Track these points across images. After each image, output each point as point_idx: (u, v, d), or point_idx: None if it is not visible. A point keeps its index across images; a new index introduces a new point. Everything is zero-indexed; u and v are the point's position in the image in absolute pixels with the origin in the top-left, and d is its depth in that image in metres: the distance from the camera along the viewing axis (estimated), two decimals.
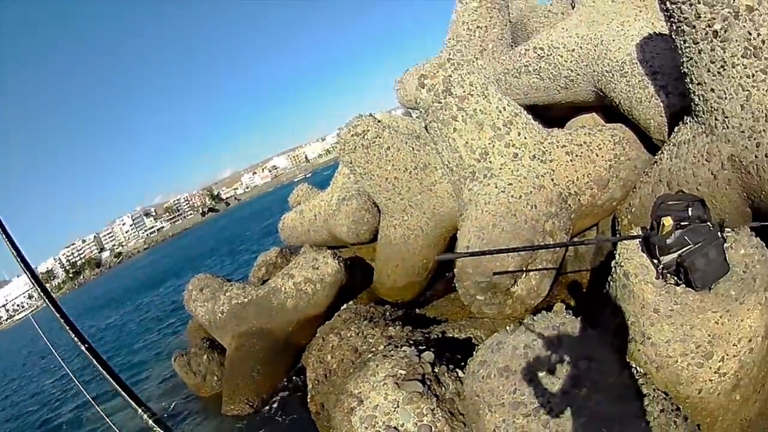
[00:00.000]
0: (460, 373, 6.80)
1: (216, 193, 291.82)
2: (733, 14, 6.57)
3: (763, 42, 6.56)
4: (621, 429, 5.08)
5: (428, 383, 6.54)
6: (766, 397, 5.98)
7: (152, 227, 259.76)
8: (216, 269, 42.54)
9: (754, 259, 5.77)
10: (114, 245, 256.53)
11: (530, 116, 10.03)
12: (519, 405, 5.40)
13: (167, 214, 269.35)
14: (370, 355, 7.60)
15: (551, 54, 11.32)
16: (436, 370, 6.90)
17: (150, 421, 1.78)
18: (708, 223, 5.75)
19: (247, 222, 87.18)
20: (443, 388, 6.62)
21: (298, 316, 12.72)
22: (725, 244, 5.84)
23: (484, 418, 5.58)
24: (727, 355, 5.56)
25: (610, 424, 5.07)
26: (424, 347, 7.41)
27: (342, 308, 11.60)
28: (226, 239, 73.82)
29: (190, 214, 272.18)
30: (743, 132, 6.96)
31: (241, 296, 13.30)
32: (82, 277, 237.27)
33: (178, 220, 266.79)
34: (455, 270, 9.49)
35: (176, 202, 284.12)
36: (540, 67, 11.55)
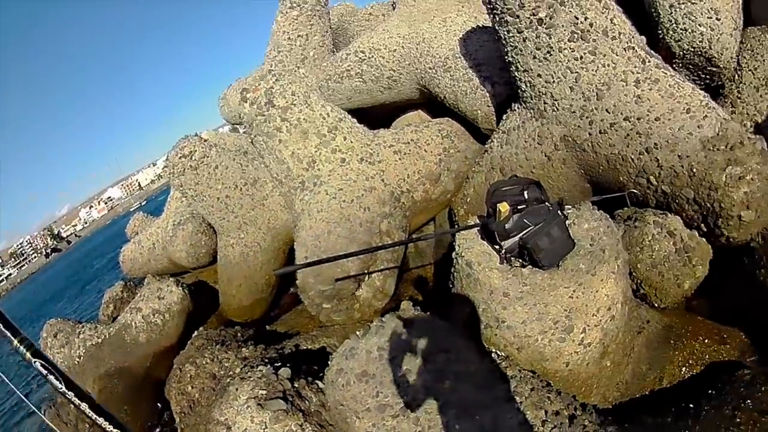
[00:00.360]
0: (321, 384, 6.50)
1: (57, 232, 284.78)
2: (559, 1, 6.49)
3: (591, 25, 6.50)
4: (494, 414, 4.85)
5: (290, 399, 6.20)
6: (638, 357, 5.94)
7: (0, 275, 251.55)
8: (68, 312, 41.18)
9: (599, 231, 5.69)
10: None
11: (355, 120, 9.78)
12: (385, 407, 5.08)
13: (12, 259, 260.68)
14: (228, 380, 7.23)
15: (372, 56, 11.08)
16: (295, 384, 6.54)
17: (28, 354, 1.23)
18: (546, 203, 5.65)
19: (91, 258, 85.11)
20: (307, 402, 6.31)
21: (153, 349, 11.96)
22: (567, 221, 5.75)
23: (354, 425, 5.28)
24: (588, 326, 5.40)
25: (482, 411, 4.83)
26: (279, 364, 7.03)
27: (194, 335, 11.02)
28: (73, 279, 71.59)
29: (35, 257, 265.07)
30: (574, 112, 6.85)
31: (94, 337, 12.33)
32: None
33: (24, 264, 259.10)
34: (297, 282, 9.10)
35: (19, 246, 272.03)
36: (362, 70, 11.30)
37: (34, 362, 1.32)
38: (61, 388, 1.08)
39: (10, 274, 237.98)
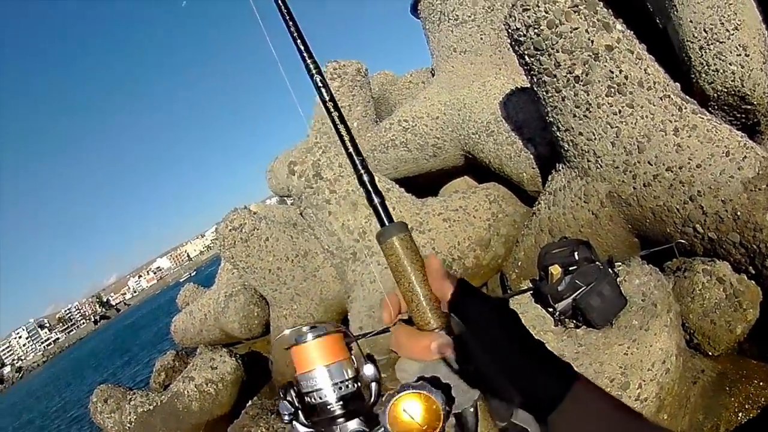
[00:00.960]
0: None
1: (105, 300, 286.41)
2: (593, 56, 6.55)
3: (626, 77, 6.55)
4: None
5: None
6: (694, 407, 5.81)
7: (48, 339, 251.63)
8: (116, 378, 41.17)
9: (650, 286, 5.68)
10: (14, 359, 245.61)
11: (402, 189, 9.82)
12: None
13: (60, 324, 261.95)
14: None
15: (416, 125, 11.21)
16: None
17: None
18: (596, 262, 5.65)
19: (140, 327, 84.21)
20: None
21: (206, 417, 12.02)
22: (618, 279, 5.72)
23: None
24: (644, 381, 5.31)
25: None
26: None
27: (248, 405, 11.03)
28: (122, 346, 70.94)
29: (83, 322, 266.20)
30: (617, 168, 6.87)
31: (146, 404, 12.45)
32: None
33: (72, 329, 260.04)
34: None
35: (67, 311, 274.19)
36: (406, 139, 11.42)
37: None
38: None
39: (57, 338, 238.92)
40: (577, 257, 5.65)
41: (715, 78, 7.67)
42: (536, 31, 6.77)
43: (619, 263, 6.12)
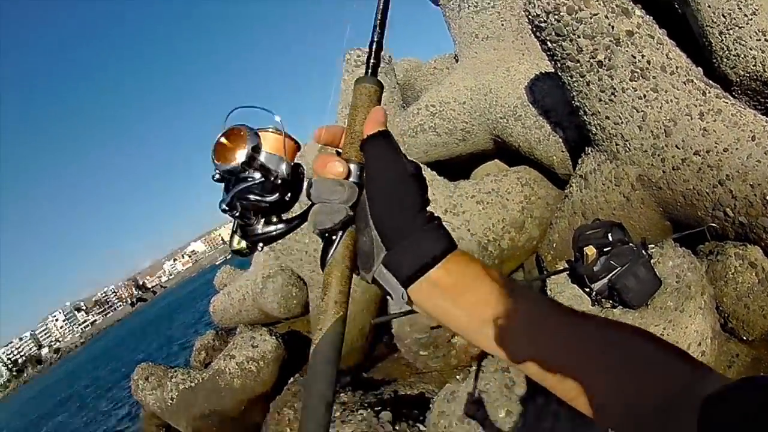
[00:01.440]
0: (422, 428, 6.56)
1: (141, 283, 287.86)
2: (615, 42, 6.56)
3: (649, 62, 6.57)
4: None
5: None
6: None
7: (85, 321, 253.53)
8: (154, 358, 41.21)
9: (683, 268, 5.70)
10: (51, 341, 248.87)
11: (434, 172, 9.88)
12: None
13: (97, 307, 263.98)
14: None
15: (443, 110, 11.23)
16: (397, 428, 6.63)
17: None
18: (630, 244, 5.68)
19: (177, 308, 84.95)
20: None
21: (248, 394, 12.09)
22: (652, 260, 5.74)
23: None
24: None
25: None
26: (379, 408, 7.09)
27: (290, 381, 11.10)
28: (160, 328, 70.94)
29: (120, 305, 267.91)
30: (646, 151, 6.89)
31: (187, 381, 12.53)
32: (26, 375, 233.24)
33: (109, 312, 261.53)
34: (393, 330, 9.23)
35: (104, 294, 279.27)
36: (435, 123, 11.43)
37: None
38: None
39: (95, 321, 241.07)
40: (611, 238, 5.70)
41: (737, 63, 7.59)
42: (556, 17, 6.80)
43: (652, 245, 6.14)
